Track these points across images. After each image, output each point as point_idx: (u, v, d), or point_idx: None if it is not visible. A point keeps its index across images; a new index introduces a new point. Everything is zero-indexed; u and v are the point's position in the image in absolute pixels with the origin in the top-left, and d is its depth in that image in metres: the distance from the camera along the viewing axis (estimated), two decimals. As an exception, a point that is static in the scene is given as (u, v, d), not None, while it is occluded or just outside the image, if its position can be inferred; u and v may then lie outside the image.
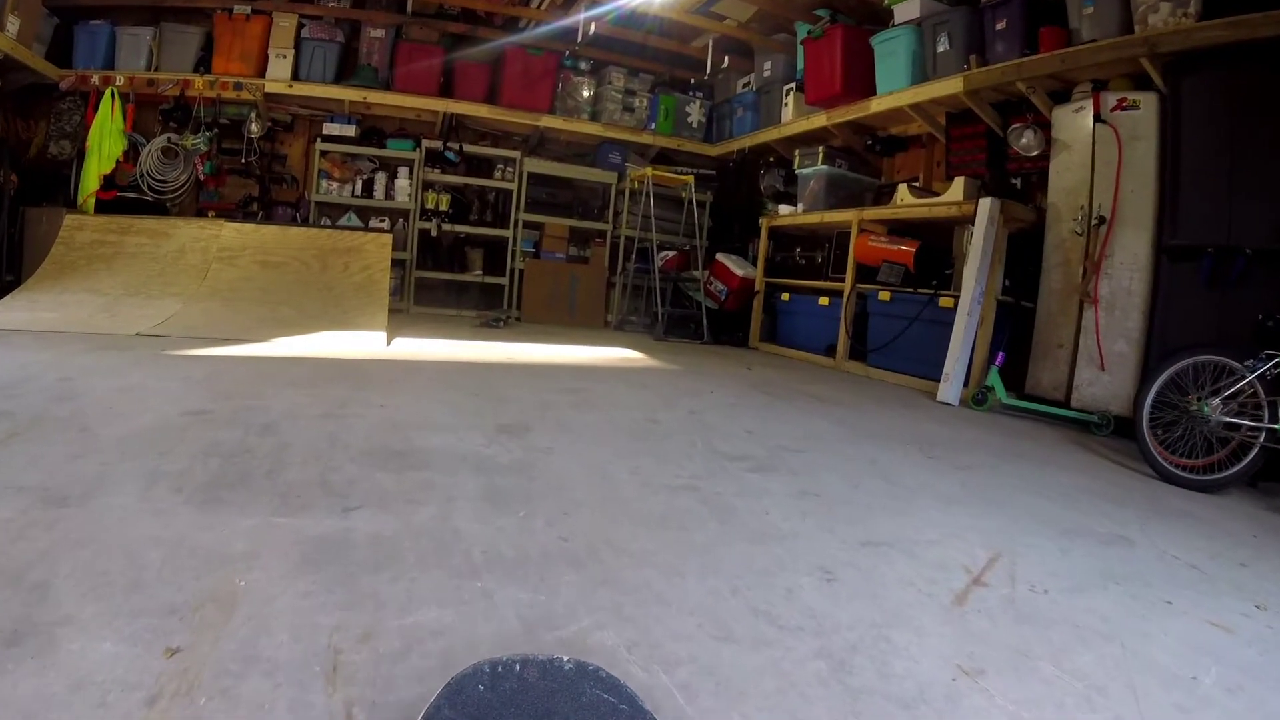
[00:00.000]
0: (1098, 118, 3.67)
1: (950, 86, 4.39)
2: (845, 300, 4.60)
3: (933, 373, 3.97)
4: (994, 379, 3.62)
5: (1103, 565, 1.39)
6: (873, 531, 1.43)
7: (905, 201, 4.42)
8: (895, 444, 2.24)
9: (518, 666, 0.73)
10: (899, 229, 4.61)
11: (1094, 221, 3.65)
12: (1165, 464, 2.39)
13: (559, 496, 1.51)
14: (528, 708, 0.69)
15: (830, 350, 4.78)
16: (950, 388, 3.72)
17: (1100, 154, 3.65)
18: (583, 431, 1.99)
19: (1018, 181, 4.37)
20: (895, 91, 4.71)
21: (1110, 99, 3.62)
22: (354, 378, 2.61)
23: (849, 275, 4.64)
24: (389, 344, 3.63)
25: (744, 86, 6.18)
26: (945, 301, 4.00)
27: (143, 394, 2.06)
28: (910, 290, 4.23)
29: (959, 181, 4.19)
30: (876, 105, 4.86)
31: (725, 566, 1.19)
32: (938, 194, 4.50)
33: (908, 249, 4.33)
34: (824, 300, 4.85)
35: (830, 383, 3.83)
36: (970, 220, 4.09)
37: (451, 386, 2.61)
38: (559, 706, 0.70)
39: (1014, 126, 4.23)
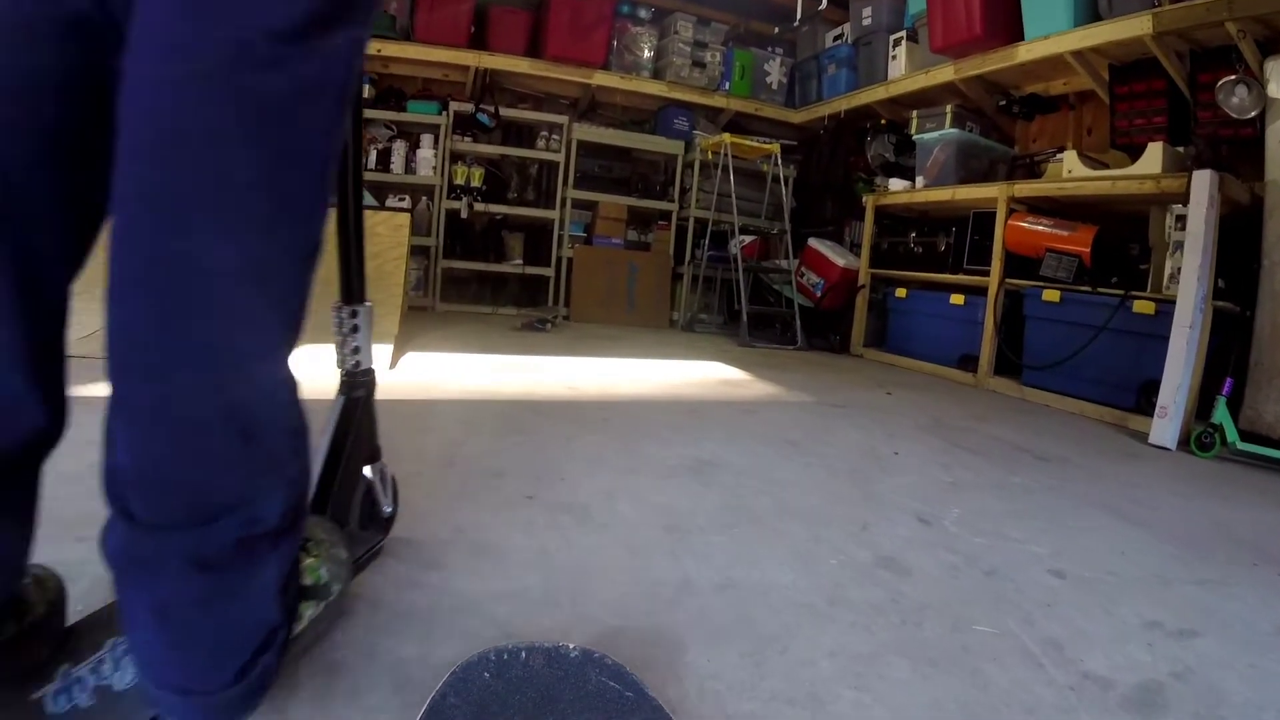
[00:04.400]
0: (1339, 69, 2.79)
1: (1133, 28, 3.54)
2: (992, 300, 3.76)
3: (1113, 397, 3.26)
4: (1222, 415, 2.86)
5: None
6: None
7: (1076, 174, 3.54)
8: (1252, 573, 1.49)
9: (523, 654, 0.73)
10: (1051, 209, 3.77)
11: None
12: None
13: None
14: (532, 694, 0.70)
15: (965, 362, 3.96)
16: (1168, 426, 2.93)
17: (1346, 116, 2.79)
18: (801, 649, 0.98)
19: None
20: (1055, 35, 3.81)
21: (1352, 46, 2.75)
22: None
23: (995, 268, 3.80)
24: (394, 366, 2.78)
25: (836, 40, 5.29)
26: (1142, 306, 3.15)
27: None
28: (1088, 290, 3.36)
29: (1155, 148, 3.34)
30: (1026, 53, 4.00)
31: None
32: (1107, 165, 3.62)
33: (1083, 236, 3.46)
34: (957, 298, 4.00)
35: (998, 413, 3.13)
36: (1172, 200, 3.26)
37: (480, 472, 1.60)
38: (564, 693, 0.70)
39: (1224, 81, 3.33)
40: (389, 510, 1.13)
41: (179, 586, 0.61)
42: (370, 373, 1.08)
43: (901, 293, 4.45)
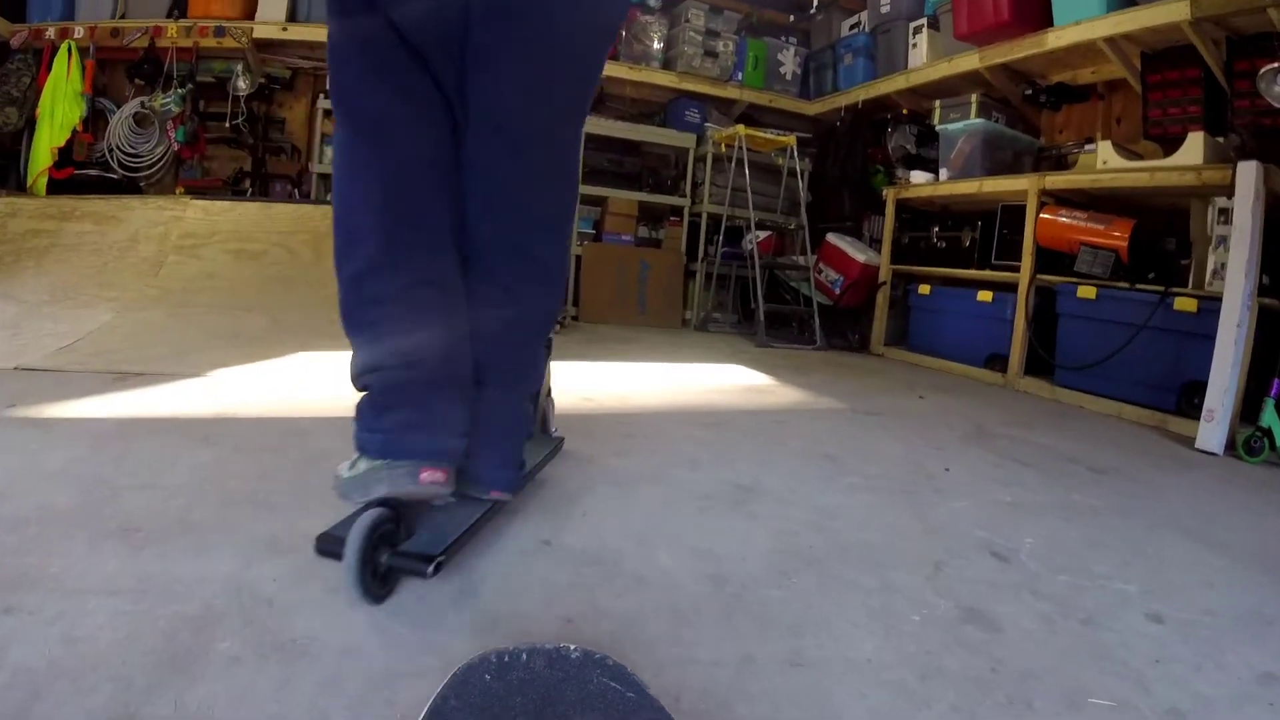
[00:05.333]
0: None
1: (1170, 14, 3.43)
2: (1023, 297, 3.64)
3: (1153, 399, 3.16)
4: (1271, 418, 2.75)
5: None
6: None
7: (1112, 165, 3.41)
8: None
9: (524, 656, 0.73)
10: (1082, 202, 3.67)
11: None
12: None
13: None
14: (534, 696, 0.71)
15: (993, 362, 3.85)
16: (1215, 430, 2.83)
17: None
18: None
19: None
20: (1087, 20, 3.69)
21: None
22: (287, 504, 1.33)
23: (1026, 263, 3.68)
24: None
25: (852, 28, 5.15)
26: (1184, 303, 3.03)
27: None
28: (1126, 286, 3.24)
29: (1196, 139, 3.23)
30: (1055, 39, 3.88)
31: None
32: (1141, 155, 3.51)
33: (1120, 229, 3.34)
34: (985, 295, 3.89)
35: (1036, 418, 3.01)
36: (1213, 192, 3.17)
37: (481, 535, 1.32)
38: (565, 694, 0.71)
39: (1265, 69, 3.22)
40: (554, 428, 1.72)
41: (518, 416, 1.27)
42: (550, 339, 1.56)
43: (924, 289, 4.33)
